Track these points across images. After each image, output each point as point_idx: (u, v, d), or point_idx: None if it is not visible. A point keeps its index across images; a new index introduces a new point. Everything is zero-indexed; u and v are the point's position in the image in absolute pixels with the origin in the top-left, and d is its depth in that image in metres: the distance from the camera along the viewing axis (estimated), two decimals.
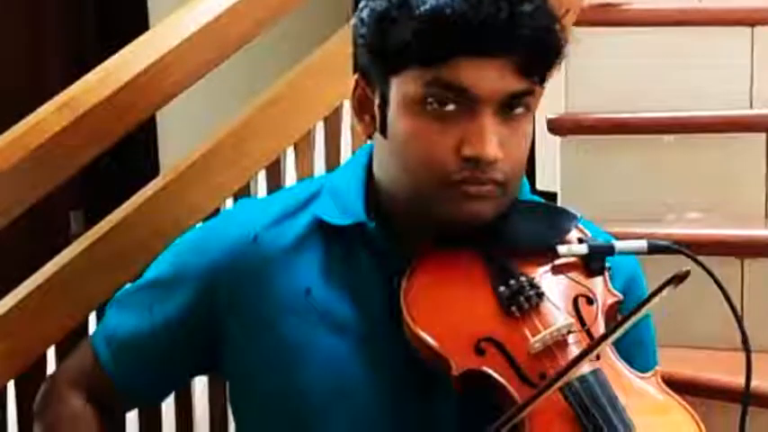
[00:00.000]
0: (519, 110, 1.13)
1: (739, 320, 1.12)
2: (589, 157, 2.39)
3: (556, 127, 2.42)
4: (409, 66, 1.12)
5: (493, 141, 1.10)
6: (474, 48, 1.09)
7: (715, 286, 1.15)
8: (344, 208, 1.20)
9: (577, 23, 2.37)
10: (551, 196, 2.39)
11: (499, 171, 1.12)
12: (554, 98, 2.41)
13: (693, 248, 1.54)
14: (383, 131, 1.16)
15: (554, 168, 2.44)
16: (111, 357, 1.26)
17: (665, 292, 1.07)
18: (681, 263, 1.13)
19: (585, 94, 2.45)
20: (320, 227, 1.21)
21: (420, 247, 1.16)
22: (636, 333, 1.15)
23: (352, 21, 1.19)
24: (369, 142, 1.24)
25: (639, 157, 2.37)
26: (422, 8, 1.10)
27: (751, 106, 2.43)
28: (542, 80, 1.16)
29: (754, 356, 1.18)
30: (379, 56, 1.15)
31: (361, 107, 1.20)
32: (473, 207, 1.13)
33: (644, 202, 2.34)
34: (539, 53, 1.12)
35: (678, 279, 1.06)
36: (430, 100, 1.11)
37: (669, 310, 2.06)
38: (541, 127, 2.46)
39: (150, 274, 1.30)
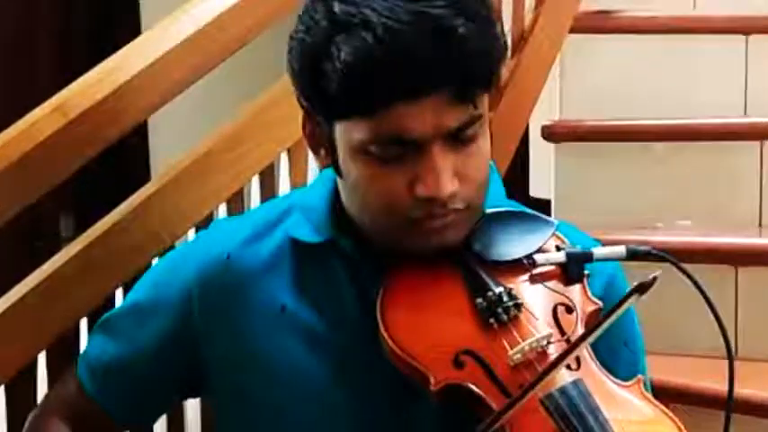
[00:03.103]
0: (469, 132, 1.09)
1: (724, 334, 1.11)
2: (583, 165, 2.39)
3: (550, 134, 2.42)
4: (345, 116, 1.09)
5: (446, 177, 1.07)
6: (405, 92, 1.05)
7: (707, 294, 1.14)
8: (316, 225, 1.19)
9: (572, 30, 2.38)
10: (545, 203, 2.38)
11: (459, 201, 1.10)
12: (549, 105, 2.41)
13: (688, 256, 1.53)
14: (336, 172, 1.15)
15: (548, 175, 2.44)
16: (96, 385, 1.26)
17: (632, 300, 1.03)
18: (668, 269, 1.12)
19: (580, 102, 2.46)
20: (293, 244, 1.20)
21: (395, 261, 1.15)
22: (619, 332, 1.14)
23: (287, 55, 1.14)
24: None
25: (634, 165, 2.37)
26: (343, 57, 1.05)
27: (745, 114, 2.43)
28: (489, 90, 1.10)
29: (747, 364, 1.18)
30: (313, 104, 1.12)
31: (313, 142, 1.17)
32: (440, 238, 1.11)
33: (638, 209, 2.34)
34: (474, 79, 1.07)
35: (643, 288, 1.02)
36: (373, 148, 1.08)
37: (660, 318, 2.07)
38: (536, 134, 2.46)
39: (130, 298, 1.29)
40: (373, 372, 1.14)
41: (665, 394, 1.14)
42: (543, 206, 2.28)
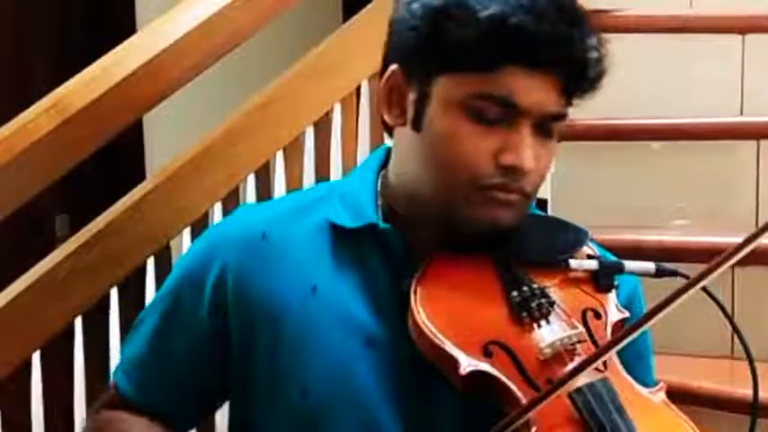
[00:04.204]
0: (554, 126, 1.15)
1: (741, 338, 1.14)
2: (580, 163, 2.39)
3: None
4: (460, 68, 1.12)
5: (531, 153, 1.12)
6: (527, 58, 1.10)
7: (705, 295, 1.15)
8: (355, 211, 1.20)
9: None
10: (542, 203, 2.38)
11: (529, 183, 1.14)
12: None
13: (684, 256, 1.52)
14: (416, 126, 1.16)
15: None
16: (134, 387, 1.25)
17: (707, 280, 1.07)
18: (679, 284, 1.12)
19: (577, 101, 2.45)
20: (329, 228, 1.21)
21: (432, 250, 1.17)
22: (636, 346, 1.15)
23: (398, 10, 1.17)
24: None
25: (631, 164, 2.37)
26: (485, 12, 1.10)
27: (741, 113, 2.43)
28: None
29: (744, 364, 1.18)
30: (430, 53, 1.14)
31: (391, 97, 1.18)
32: (496, 213, 1.14)
33: (635, 208, 2.33)
34: (585, 75, 1.14)
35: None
36: (475, 105, 1.12)
37: (663, 318, 2.06)
38: None
39: (163, 287, 1.28)
40: (402, 360, 1.15)
41: (668, 394, 1.15)
42: (540, 205, 2.28)
